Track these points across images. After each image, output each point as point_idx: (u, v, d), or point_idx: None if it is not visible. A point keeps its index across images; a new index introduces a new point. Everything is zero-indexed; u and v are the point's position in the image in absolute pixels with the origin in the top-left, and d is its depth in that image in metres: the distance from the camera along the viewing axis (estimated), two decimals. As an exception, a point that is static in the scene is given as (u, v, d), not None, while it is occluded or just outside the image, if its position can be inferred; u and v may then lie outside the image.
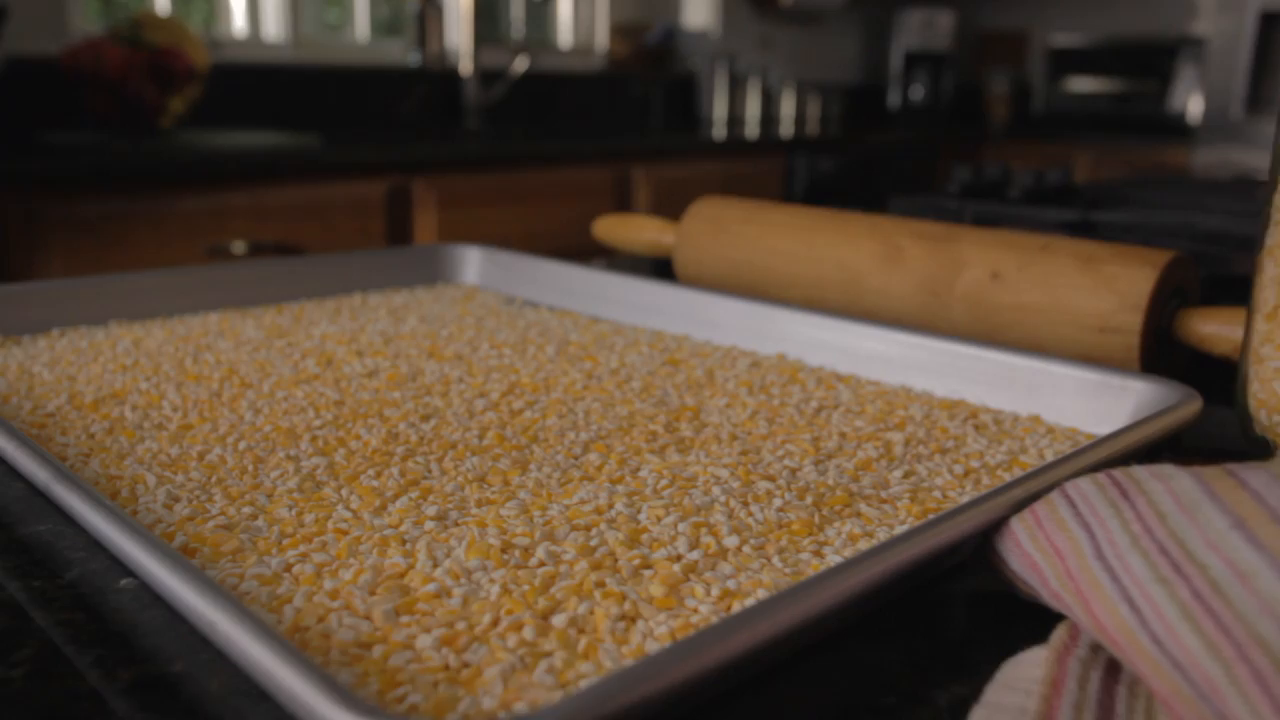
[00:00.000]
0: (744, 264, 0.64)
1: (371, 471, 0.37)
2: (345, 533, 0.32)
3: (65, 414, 0.43)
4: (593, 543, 0.31)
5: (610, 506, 0.34)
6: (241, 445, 0.40)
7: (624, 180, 2.26)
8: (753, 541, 0.31)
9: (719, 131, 2.72)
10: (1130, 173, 2.85)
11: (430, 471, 0.37)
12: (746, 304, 0.57)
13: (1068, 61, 3.34)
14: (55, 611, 0.29)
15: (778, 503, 0.34)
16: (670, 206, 2.32)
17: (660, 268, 0.80)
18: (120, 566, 0.31)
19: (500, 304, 0.66)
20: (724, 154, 2.51)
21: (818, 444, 0.41)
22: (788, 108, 3.23)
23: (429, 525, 0.32)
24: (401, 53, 2.56)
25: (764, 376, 0.51)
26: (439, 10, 2.49)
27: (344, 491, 0.35)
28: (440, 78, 2.52)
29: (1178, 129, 3.07)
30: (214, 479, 0.36)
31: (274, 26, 2.36)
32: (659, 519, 0.33)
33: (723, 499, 0.34)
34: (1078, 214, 0.88)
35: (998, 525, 0.30)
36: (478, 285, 0.72)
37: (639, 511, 0.33)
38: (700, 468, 0.38)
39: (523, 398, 0.46)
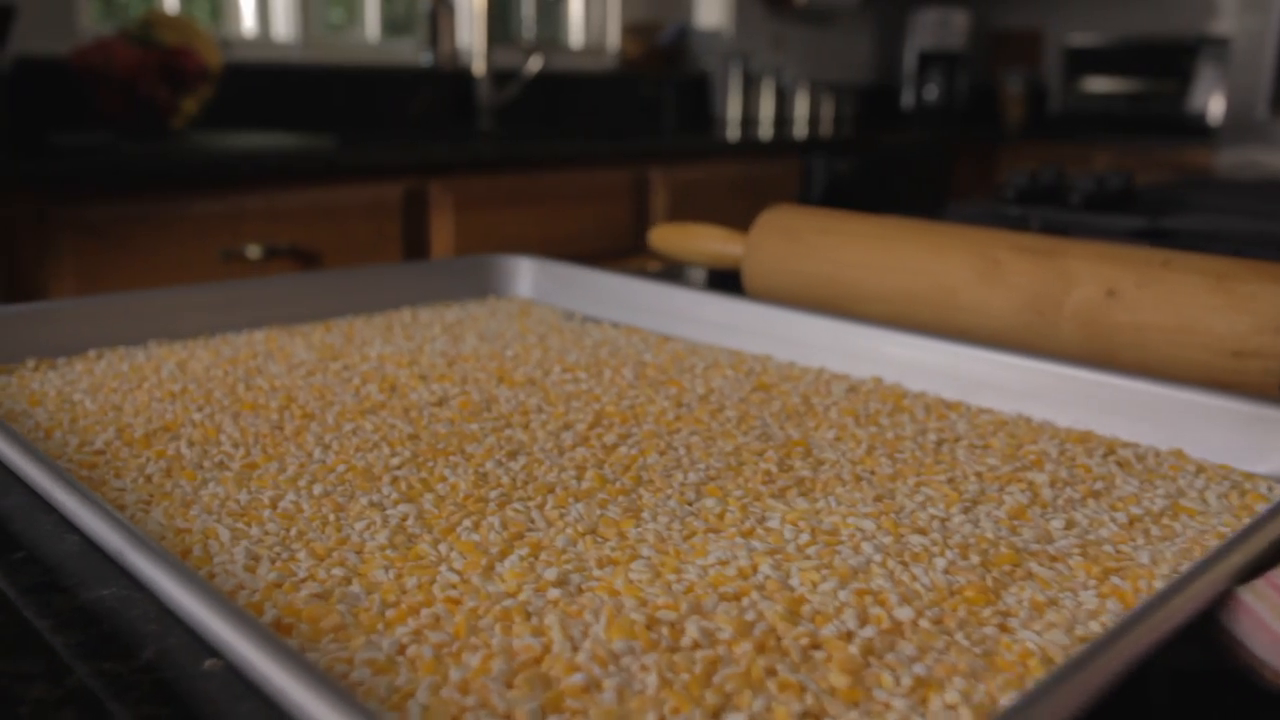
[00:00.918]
0: (821, 277, 0.60)
1: (468, 522, 0.33)
2: (457, 602, 0.28)
3: (116, 451, 0.39)
4: (748, 616, 0.27)
5: (754, 569, 0.29)
6: (316, 489, 0.35)
7: (642, 182, 2.22)
8: (928, 614, 0.27)
9: (733, 132, 2.68)
10: (1173, 175, 2.80)
11: (533, 521, 0.33)
12: (836, 322, 0.53)
13: (1085, 61, 3.30)
14: (135, 703, 0.24)
15: (940, 563, 0.30)
16: (688, 209, 2.28)
17: (716, 279, 0.75)
18: (202, 643, 0.27)
19: (559, 320, 0.62)
20: (740, 155, 2.47)
21: (956, 487, 0.37)
22: (801, 108, 3.19)
23: (552, 593, 0.28)
24: (413, 52, 2.52)
25: (866, 404, 0.47)
26: (451, 9, 2.45)
27: (442, 547, 0.31)
28: (452, 78, 2.48)
29: (1198, 130, 3.03)
30: (293, 531, 0.32)
31: (283, 26, 2.31)
32: (815, 585, 0.29)
33: (878, 558, 0.30)
34: (1146, 221, 0.84)
35: (1218, 598, 0.26)
36: (531, 299, 0.68)
37: (789, 575, 0.29)
38: (838, 518, 0.34)
39: (612, 429, 0.42)
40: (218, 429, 0.41)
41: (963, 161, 3.25)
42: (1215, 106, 2.99)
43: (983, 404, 0.47)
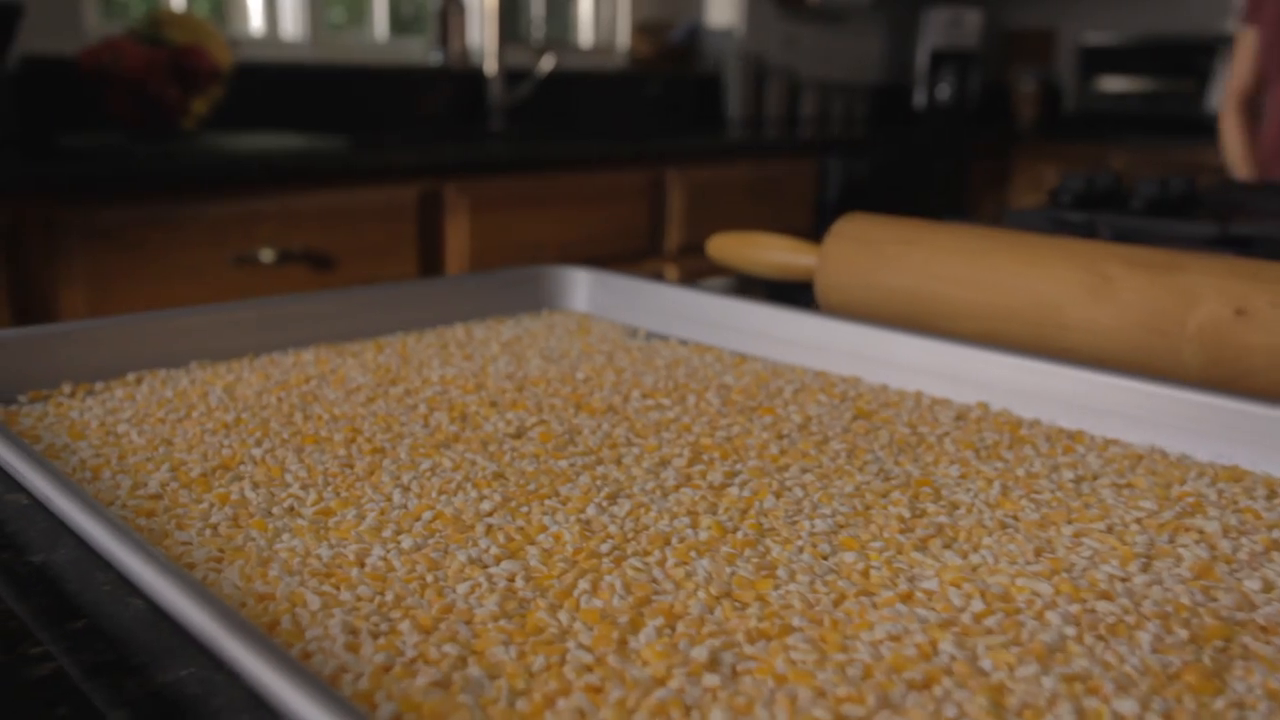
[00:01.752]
0: (904, 292, 0.56)
1: (584, 583, 0.29)
2: (599, 690, 0.24)
3: (173, 494, 0.35)
4: (948, 713, 0.23)
5: (934, 648, 0.26)
6: (405, 541, 0.31)
7: (659, 183, 2.18)
8: (1154, 706, 0.23)
9: (744, 132, 2.65)
10: (1184, 174, 2.76)
11: (657, 582, 0.29)
12: (932, 341, 0.49)
13: (1099, 60, 3.26)
14: (239, 826, 0.21)
15: (1144, 638, 0.26)
16: (704, 211, 2.25)
17: (775, 291, 0.72)
18: (306, 742, 0.23)
19: (623, 337, 0.58)
20: (755, 156, 2.43)
21: (1120, 537, 0.33)
22: (812, 108, 3.15)
23: (708, 679, 0.24)
24: (422, 51, 2.48)
25: (980, 433, 0.43)
26: (461, 8, 2.41)
27: (563, 616, 0.27)
28: (463, 77, 2.44)
29: (1215, 129, 2.99)
30: (389, 596, 0.28)
31: (291, 25, 2.27)
32: (1011, 668, 0.25)
33: (1070, 632, 0.26)
34: (1216, 228, 0.81)
35: None
36: (588, 313, 0.64)
37: (976, 655, 0.25)
38: (1004, 578, 0.30)
39: (715, 466, 0.39)
40: (281, 467, 0.37)
41: (977, 161, 3.22)
42: (1234, 106, 2.95)
43: (1107, 434, 0.43)
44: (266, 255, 1.63)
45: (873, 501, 0.35)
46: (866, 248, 0.58)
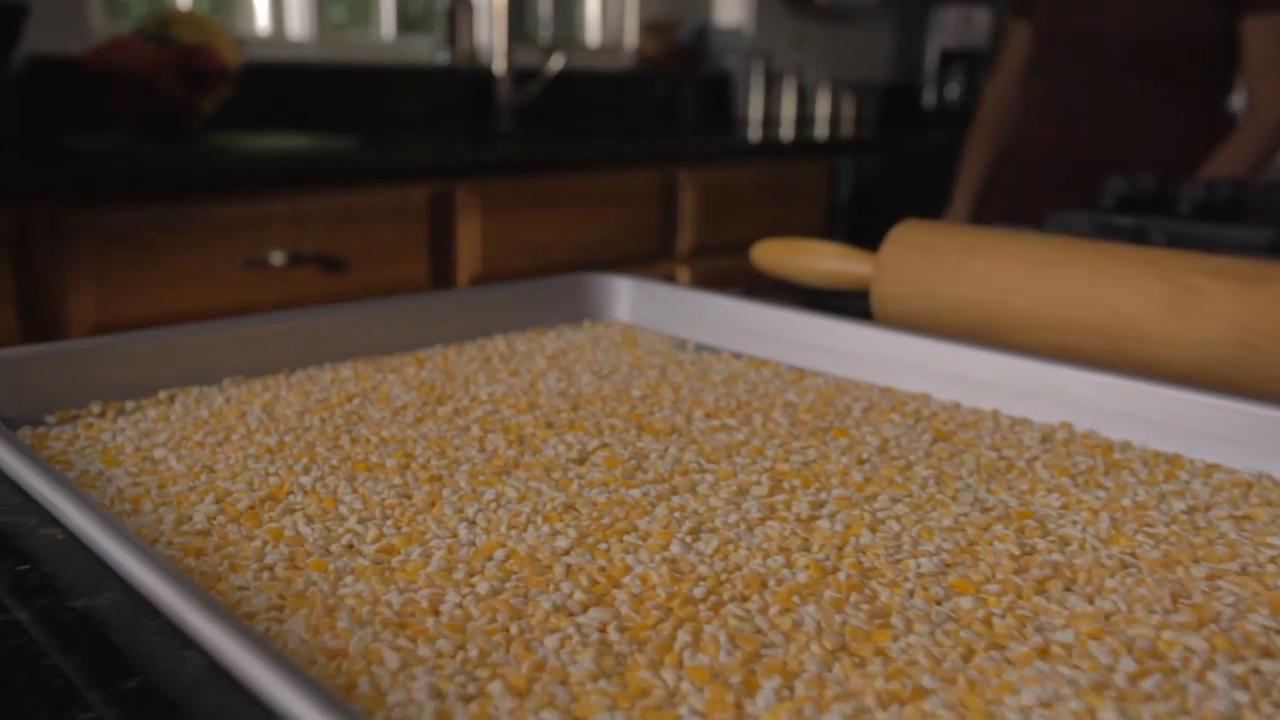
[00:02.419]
0: (967, 302, 0.54)
1: (684, 634, 0.26)
2: (727, 768, 0.21)
3: (222, 530, 0.32)
4: (1131, 798, 0.20)
5: (1094, 717, 0.23)
6: (481, 585, 0.29)
7: (670, 184, 2.16)
8: (1357, 788, 0.21)
9: (754, 132, 2.62)
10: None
11: (764, 633, 0.27)
12: (1008, 357, 0.46)
13: (1111, 60, 3.23)
14: None
15: (1322, 703, 0.23)
16: (716, 212, 2.22)
17: (816, 298, 0.69)
18: (401, 830, 0.20)
19: (672, 349, 0.56)
20: (767, 157, 2.40)
21: (1262, 581, 0.30)
22: (823, 108, 3.13)
23: (848, 754, 0.22)
24: (429, 50, 2.45)
25: (1072, 458, 0.40)
26: (470, 7, 2.38)
27: (667, 675, 0.25)
28: (471, 77, 2.42)
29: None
30: (473, 652, 0.26)
31: (298, 24, 2.25)
32: (1186, 742, 0.22)
33: (1242, 698, 0.24)
34: (1273, 233, 0.78)
35: None
36: (631, 323, 0.61)
37: (1142, 726, 0.23)
38: (1148, 630, 0.27)
39: (798, 496, 0.36)
40: (335, 498, 0.35)
41: (987, 162, 3.19)
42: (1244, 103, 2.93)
43: (1206, 458, 0.40)
44: (277, 258, 1.60)
45: (976, 536, 0.33)
46: (926, 256, 0.56)
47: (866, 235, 2.59)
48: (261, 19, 2.23)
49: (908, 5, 3.54)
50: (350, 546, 0.31)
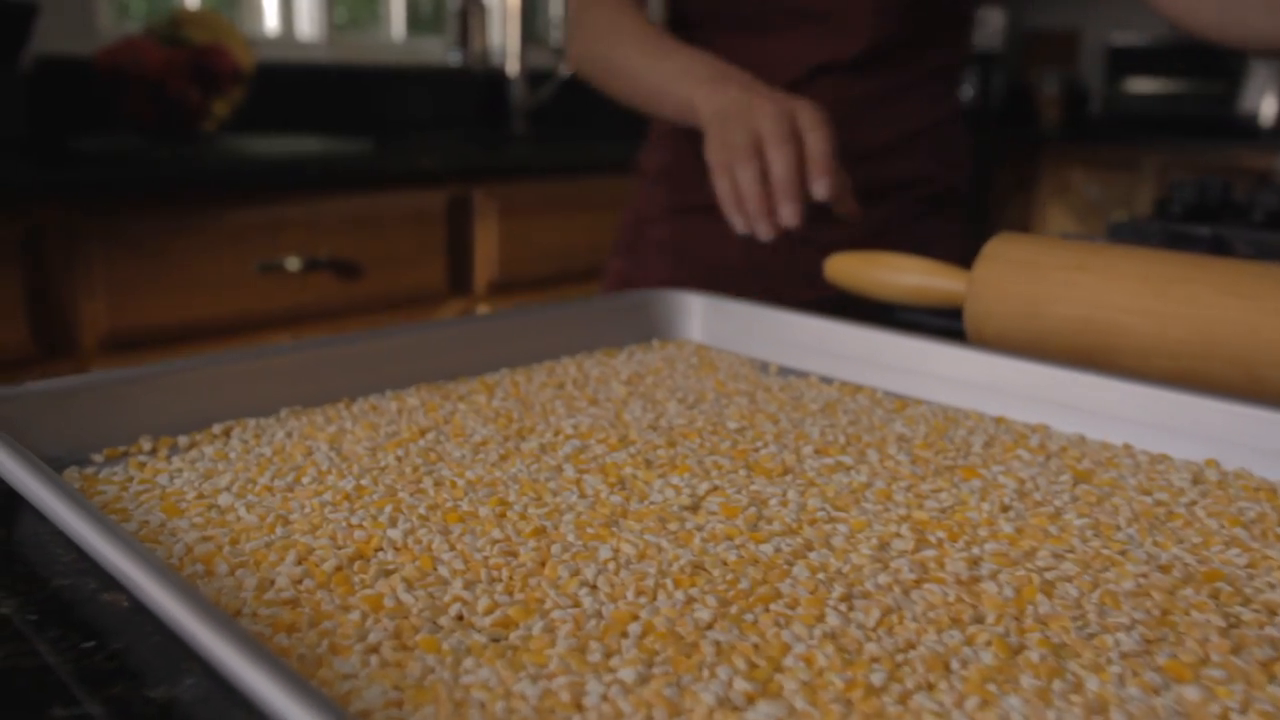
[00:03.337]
0: (1078, 323, 0.50)
1: (878, 737, 0.22)
2: None
3: (311, 599, 0.28)
4: None
5: None
6: (625, 672, 0.25)
7: (690, 188, 2.12)
8: None
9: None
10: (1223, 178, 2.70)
11: (969, 734, 0.23)
12: (1139, 386, 0.43)
13: (1127, 61, 3.20)
14: None
15: None
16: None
17: (882, 312, 0.65)
18: None
19: (754, 373, 0.52)
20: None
21: None
22: (837, 109, 3.09)
23: None
24: (440, 51, 2.41)
25: (1235, 504, 0.36)
26: (482, 8, 2.35)
27: (874, 793, 0.21)
28: (484, 78, 2.38)
29: (1249, 131, 2.94)
30: (636, 761, 0.22)
31: (308, 24, 2.21)
32: None
33: None
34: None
35: None
36: (703, 343, 0.57)
37: None
38: None
39: (949, 552, 0.32)
40: (431, 555, 0.31)
41: (1002, 165, 3.15)
42: (1268, 108, 2.90)
43: (1381, 502, 0.36)
44: (292, 263, 1.56)
45: (1166, 604, 0.29)
46: (1028, 273, 0.52)
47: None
48: (270, 20, 2.19)
49: (921, 6, 3.50)
50: (461, 619, 0.28)
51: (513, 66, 2.37)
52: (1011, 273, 0.52)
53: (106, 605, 0.29)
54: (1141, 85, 3.20)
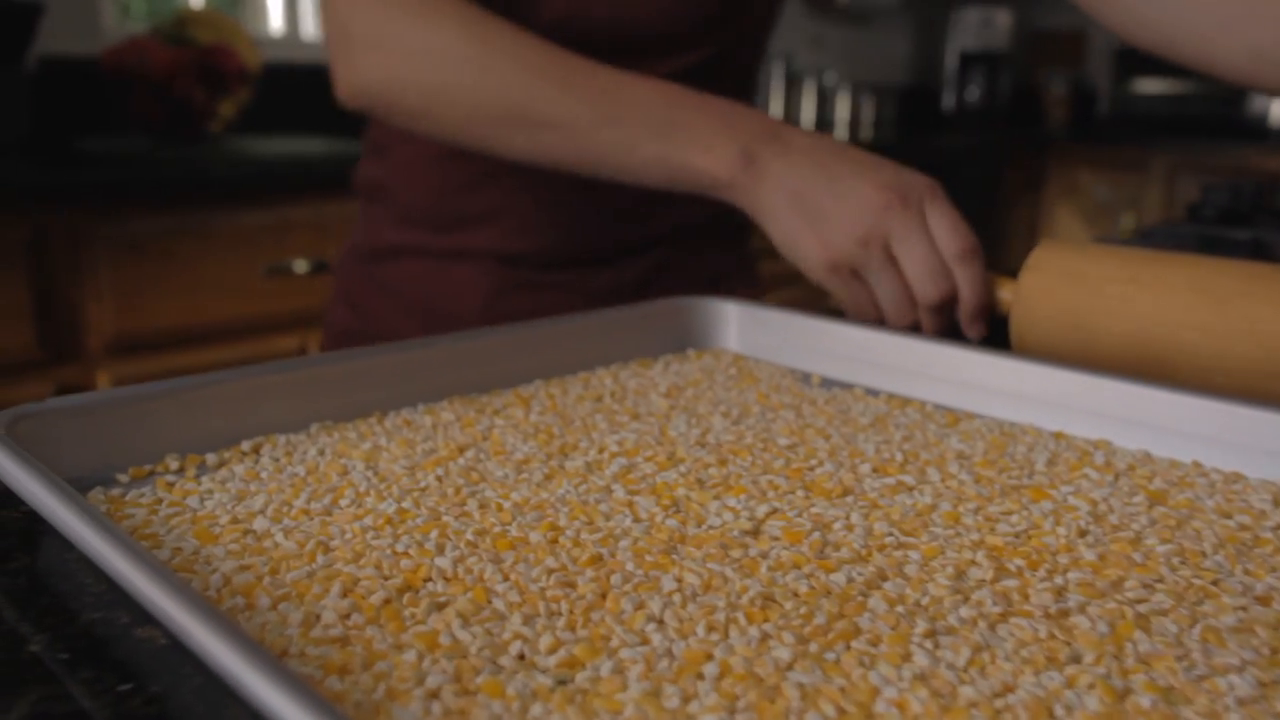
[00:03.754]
0: (1131, 338, 0.48)
1: (991, 796, 0.21)
2: None
3: (362, 636, 0.26)
4: None
5: None
6: (705, 718, 0.23)
7: (699, 189, 2.10)
8: None
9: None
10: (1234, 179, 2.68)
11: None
12: (1203, 400, 0.41)
13: (1135, 61, 3.19)
14: None
15: None
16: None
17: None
18: None
19: (797, 384, 0.50)
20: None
21: None
22: (843, 110, 3.07)
23: None
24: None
25: (1320, 527, 0.34)
26: (490, 6, 2.33)
27: None
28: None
29: (1258, 132, 2.92)
30: (733, 825, 0.20)
31: (312, 25, 2.19)
32: None
33: None
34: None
35: None
36: (740, 353, 0.56)
37: None
38: None
39: (1030, 582, 0.30)
40: (485, 587, 0.29)
41: (1009, 166, 3.14)
42: (1278, 108, 2.88)
43: None
44: (300, 266, 1.55)
45: (1275, 641, 0.27)
46: (1078, 286, 0.50)
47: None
48: (275, 20, 2.18)
49: (927, 7, 3.48)
50: (523, 658, 0.26)
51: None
52: (1059, 285, 0.50)
53: (142, 642, 0.27)
54: (1150, 85, 3.18)
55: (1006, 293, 0.54)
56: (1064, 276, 0.51)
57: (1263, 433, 0.40)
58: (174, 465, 0.38)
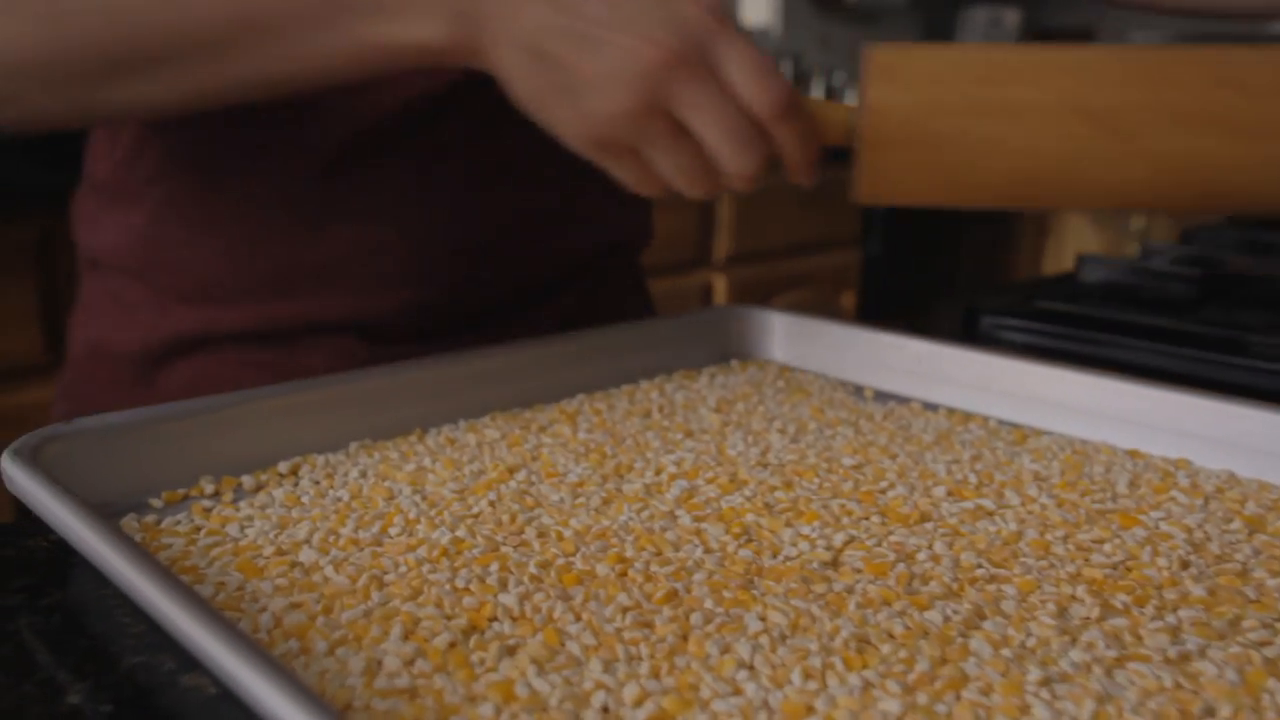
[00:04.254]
0: (1012, 175, 0.41)
1: None
2: None
3: (430, 685, 0.24)
4: None
5: None
6: (820, 784, 0.21)
7: (710, 190, 2.08)
8: None
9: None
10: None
11: None
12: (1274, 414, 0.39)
13: (1145, 61, 3.16)
14: None
15: None
16: (753, 218, 2.14)
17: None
18: None
19: (850, 398, 0.48)
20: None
21: None
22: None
23: None
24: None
25: None
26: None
27: None
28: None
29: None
30: None
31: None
32: None
33: None
34: None
35: None
36: (785, 363, 0.54)
37: None
38: None
39: (1141, 621, 0.28)
40: (556, 628, 0.27)
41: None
42: (1290, 109, 2.86)
43: None
44: (310, 269, 1.52)
45: None
46: (937, 119, 0.40)
47: (902, 239, 2.51)
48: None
49: (935, 6, 3.46)
50: (607, 710, 0.24)
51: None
52: (914, 120, 0.40)
53: (189, 691, 0.25)
54: (1159, 85, 3.15)
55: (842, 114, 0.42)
56: (917, 110, 0.40)
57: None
58: (209, 488, 0.36)
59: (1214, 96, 0.39)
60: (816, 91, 2.95)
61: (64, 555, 0.32)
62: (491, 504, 0.35)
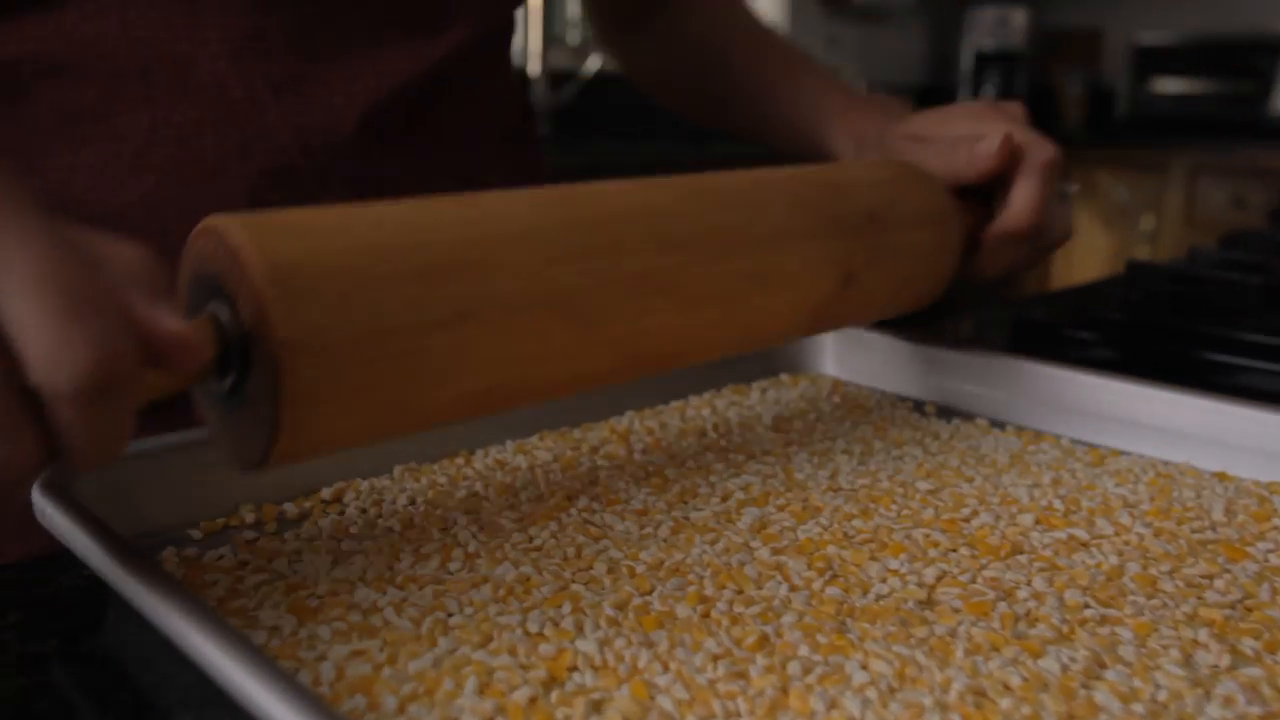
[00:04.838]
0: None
1: None
2: None
3: (516, 749, 0.22)
4: None
5: None
6: None
7: (720, 192, 2.06)
8: None
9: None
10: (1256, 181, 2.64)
11: None
12: (1397, 441, 0.36)
13: (1154, 61, 3.15)
14: None
15: None
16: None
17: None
18: None
19: (911, 415, 0.46)
20: (809, 160, 2.31)
21: None
22: (860, 111, 3.03)
23: None
24: (463, 51, 2.34)
25: None
26: (504, 5, 2.28)
27: None
28: (507, 79, 2.31)
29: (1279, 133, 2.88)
30: None
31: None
32: None
33: None
34: None
35: None
36: (838, 377, 0.51)
37: None
38: None
39: (1276, 670, 0.26)
40: (642, 679, 0.25)
41: (1028, 167, 3.10)
42: (1301, 109, 2.84)
43: None
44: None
45: None
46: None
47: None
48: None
49: (942, 6, 3.44)
50: (714, 779, 0.21)
51: (534, 67, 2.31)
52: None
53: (249, 754, 0.23)
54: (1168, 85, 3.14)
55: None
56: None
57: None
58: (249, 518, 0.34)
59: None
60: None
61: (101, 592, 0.29)
62: (554, 535, 0.32)
